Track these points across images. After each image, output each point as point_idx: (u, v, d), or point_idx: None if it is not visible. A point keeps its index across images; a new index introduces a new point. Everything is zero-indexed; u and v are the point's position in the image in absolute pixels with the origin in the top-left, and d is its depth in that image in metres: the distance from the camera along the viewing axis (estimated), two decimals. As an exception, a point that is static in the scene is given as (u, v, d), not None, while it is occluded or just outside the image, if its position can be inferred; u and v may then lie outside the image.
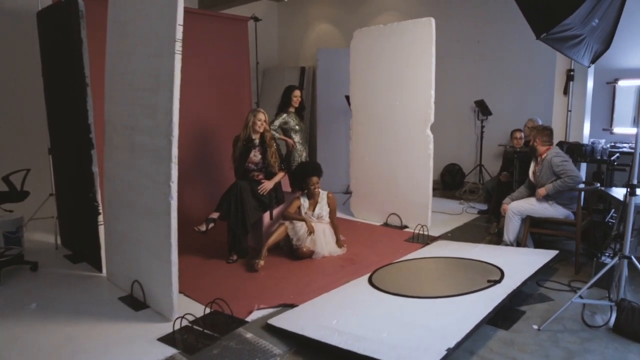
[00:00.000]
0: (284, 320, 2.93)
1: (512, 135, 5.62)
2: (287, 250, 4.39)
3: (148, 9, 3.16)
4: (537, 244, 4.39)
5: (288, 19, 9.38)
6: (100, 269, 3.96)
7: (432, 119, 4.96)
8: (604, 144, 4.67)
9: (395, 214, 5.35)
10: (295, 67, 8.68)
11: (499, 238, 4.50)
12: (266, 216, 4.53)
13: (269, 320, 2.95)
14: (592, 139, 4.98)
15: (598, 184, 4.25)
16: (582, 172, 5.08)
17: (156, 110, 3.05)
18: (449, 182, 7.30)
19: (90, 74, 3.80)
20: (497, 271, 3.42)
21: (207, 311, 3.10)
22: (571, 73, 5.14)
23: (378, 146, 5.45)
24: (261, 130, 4.37)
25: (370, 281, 3.54)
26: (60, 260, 4.31)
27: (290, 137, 5.01)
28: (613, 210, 4.57)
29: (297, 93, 5.00)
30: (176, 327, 2.88)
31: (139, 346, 2.79)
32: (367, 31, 5.46)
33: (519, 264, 3.56)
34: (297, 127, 5.03)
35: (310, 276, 3.85)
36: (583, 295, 3.00)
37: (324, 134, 7.51)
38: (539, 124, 5.28)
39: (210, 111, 5.69)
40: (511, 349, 2.72)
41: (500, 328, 2.94)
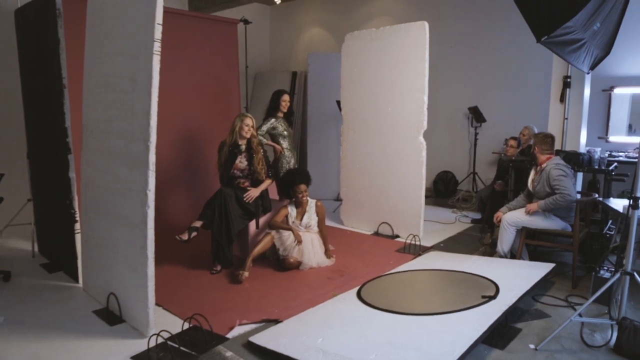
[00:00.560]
0: (266, 338, 2.76)
1: (507, 143, 5.48)
2: (274, 260, 4.22)
3: (127, 7, 2.99)
4: (532, 256, 4.26)
5: (280, 23, 9.25)
6: (76, 279, 3.79)
7: (425, 126, 4.82)
8: (600, 153, 4.56)
9: (386, 222, 5.20)
10: (286, 72, 8.53)
11: (492, 249, 4.36)
12: (252, 225, 4.35)
13: (250, 338, 2.79)
14: (588, 148, 4.86)
15: (596, 195, 4.12)
16: (578, 181, 4.97)
17: (133, 114, 2.89)
18: (441, 190, 7.16)
19: (68, 75, 3.63)
20: (492, 285, 3.27)
21: (186, 326, 2.94)
22: (568, 80, 5.02)
23: (370, 153, 5.30)
24: (248, 136, 4.20)
25: (359, 295, 3.37)
26: (36, 270, 4.11)
27: (278, 143, 4.86)
28: (611, 221, 4.44)
29: (286, 98, 4.85)
30: (151, 344, 2.70)
31: (110, 365, 2.61)
32: (359, 35, 5.32)
33: (515, 277, 3.41)
34: (286, 133, 4.87)
35: (296, 289, 3.68)
36: (582, 312, 2.85)
37: (314, 139, 7.35)
38: (534, 132, 5.17)
39: (197, 115, 5.50)
40: (507, 370, 2.57)
41: (495, 347, 2.78)
